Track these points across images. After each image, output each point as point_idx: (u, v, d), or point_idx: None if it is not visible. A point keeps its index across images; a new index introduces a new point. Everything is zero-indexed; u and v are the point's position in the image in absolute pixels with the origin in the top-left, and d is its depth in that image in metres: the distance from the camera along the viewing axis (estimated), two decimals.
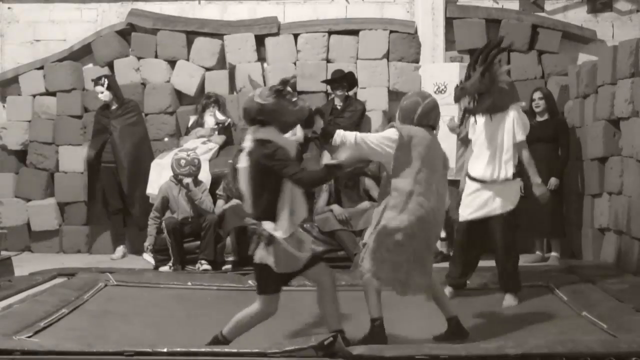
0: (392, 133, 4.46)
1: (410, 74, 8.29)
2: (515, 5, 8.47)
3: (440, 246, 7.77)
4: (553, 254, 7.34)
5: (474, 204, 5.52)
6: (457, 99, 5.44)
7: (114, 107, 7.86)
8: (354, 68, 8.28)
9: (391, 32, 8.36)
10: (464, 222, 5.63)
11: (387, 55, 8.36)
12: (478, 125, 5.53)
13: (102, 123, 7.87)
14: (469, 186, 5.57)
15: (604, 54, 7.22)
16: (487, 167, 5.45)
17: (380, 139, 4.45)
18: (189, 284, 6.32)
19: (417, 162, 4.39)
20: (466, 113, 5.45)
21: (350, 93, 8.04)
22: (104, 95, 7.77)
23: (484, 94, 5.28)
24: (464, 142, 6.29)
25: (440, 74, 7.76)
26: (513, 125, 5.43)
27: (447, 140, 7.39)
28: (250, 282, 6.23)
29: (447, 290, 5.61)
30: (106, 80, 7.81)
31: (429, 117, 4.55)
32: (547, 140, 7.31)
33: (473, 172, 5.54)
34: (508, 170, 5.45)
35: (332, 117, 7.77)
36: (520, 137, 5.46)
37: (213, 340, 4.26)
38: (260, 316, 4.25)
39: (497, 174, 5.42)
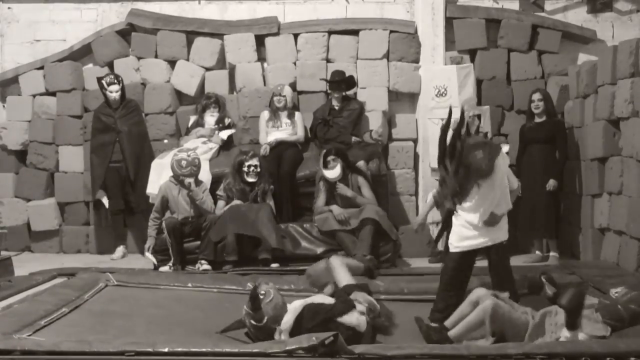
0: None
1: (410, 74, 8.30)
2: (515, 5, 8.47)
3: (440, 246, 7.78)
4: (552, 253, 7.35)
5: (470, 233, 4.98)
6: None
7: (118, 106, 7.86)
8: (354, 68, 8.28)
9: (391, 32, 8.35)
10: (458, 252, 5.02)
11: (387, 55, 8.36)
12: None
13: (104, 122, 7.86)
14: (460, 216, 5.03)
15: (604, 54, 7.22)
16: (483, 214, 4.95)
17: None
18: (189, 284, 6.30)
19: None
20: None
21: (350, 93, 8.05)
22: (118, 94, 7.77)
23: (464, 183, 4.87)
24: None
25: (440, 77, 7.77)
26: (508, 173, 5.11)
27: None
28: (249, 284, 6.22)
29: None
30: (121, 78, 7.83)
31: None
32: (544, 141, 7.31)
33: (468, 218, 5.01)
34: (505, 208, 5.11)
35: (331, 117, 7.79)
36: (517, 182, 5.23)
37: None
38: None
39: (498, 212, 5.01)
